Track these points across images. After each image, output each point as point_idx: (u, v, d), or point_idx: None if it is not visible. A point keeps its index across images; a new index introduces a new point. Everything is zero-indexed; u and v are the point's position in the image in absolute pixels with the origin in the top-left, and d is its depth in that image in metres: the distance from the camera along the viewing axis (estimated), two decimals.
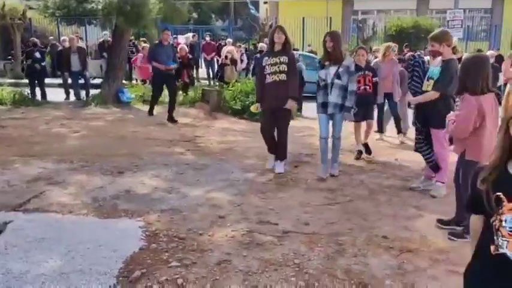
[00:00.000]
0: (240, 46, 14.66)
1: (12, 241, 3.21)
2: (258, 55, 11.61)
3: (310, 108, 9.01)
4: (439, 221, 3.83)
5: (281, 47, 5.25)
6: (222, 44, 15.36)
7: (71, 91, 11.42)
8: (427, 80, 4.54)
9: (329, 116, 5.17)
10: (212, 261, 3.09)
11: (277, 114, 5.36)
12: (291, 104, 5.33)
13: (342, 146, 5.49)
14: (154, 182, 4.94)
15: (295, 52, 6.62)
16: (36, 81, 11.10)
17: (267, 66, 5.29)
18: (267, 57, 5.36)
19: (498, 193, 1.51)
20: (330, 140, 5.30)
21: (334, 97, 5.06)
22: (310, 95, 10.07)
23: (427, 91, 4.48)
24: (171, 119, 8.55)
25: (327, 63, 5.10)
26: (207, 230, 3.64)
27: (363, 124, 6.34)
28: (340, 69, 5.03)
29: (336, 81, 5.03)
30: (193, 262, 3.05)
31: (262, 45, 11.94)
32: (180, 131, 8.07)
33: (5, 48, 18.23)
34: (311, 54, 14.96)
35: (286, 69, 5.21)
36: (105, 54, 14.63)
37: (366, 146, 6.25)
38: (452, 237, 3.54)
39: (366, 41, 17.37)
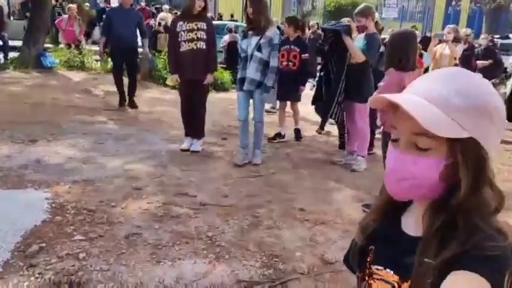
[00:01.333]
0: (176, 13, 14.10)
1: None
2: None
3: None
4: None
5: (198, 11, 4.71)
6: (158, 9, 14.75)
7: None
8: None
9: (248, 94, 4.52)
10: (121, 234, 2.94)
11: (193, 87, 4.84)
12: (210, 79, 4.91)
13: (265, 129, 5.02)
14: (69, 152, 4.65)
15: (231, 23, 6.11)
16: None
17: (182, 33, 4.74)
18: (181, 22, 4.77)
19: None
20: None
21: (252, 72, 4.38)
22: None
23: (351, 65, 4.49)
24: (132, 104, 7.05)
25: (250, 32, 4.42)
26: (120, 202, 3.48)
27: (288, 104, 5.80)
28: (262, 41, 4.33)
29: (256, 53, 4.35)
30: (100, 235, 2.89)
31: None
32: (105, 99, 7.68)
33: None
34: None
35: (205, 37, 4.73)
36: (28, 14, 13.56)
37: (296, 131, 5.78)
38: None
39: (305, 16, 17.38)
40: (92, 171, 4.12)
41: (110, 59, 8.04)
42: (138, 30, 6.98)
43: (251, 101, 4.62)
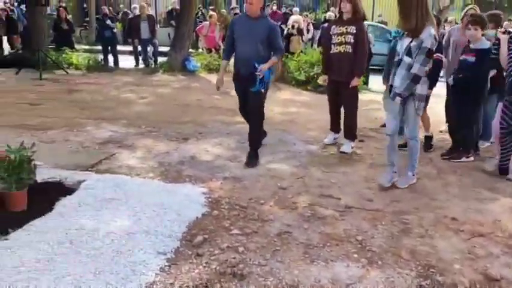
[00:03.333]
0: (307, 16, 14.30)
1: (84, 200, 3.37)
2: (325, 25, 11.31)
3: (376, 81, 8.69)
4: None
5: (350, 16, 4.90)
6: (289, 13, 15.05)
7: (140, 58, 11.78)
8: None
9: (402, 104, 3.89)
10: (273, 231, 3.08)
11: (342, 90, 5.07)
12: (354, 83, 4.99)
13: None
14: (217, 150, 4.99)
15: (364, 22, 6.01)
16: (108, 48, 11.56)
17: (333, 36, 5.00)
18: (334, 26, 5.04)
19: None
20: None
21: (398, 79, 3.83)
22: (377, 67, 9.74)
23: None
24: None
25: (405, 33, 3.88)
26: (268, 200, 3.64)
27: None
28: (413, 43, 3.73)
29: (405, 58, 3.77)
30: (254, 231, 3.07)
31: (330, 15, 11.58)
32: None
33: (81, 16, 19.03)
34: (381, 25, 14.30)
35: (352, 41, 4.87)
36: (173, 22, 14.86)
37: (427, 139, 5.23)
38: None
39: (442, 11, 16.28)
40: (239, 169, 4.38)
41: None
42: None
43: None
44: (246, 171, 4.35)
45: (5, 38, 13.19)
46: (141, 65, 11.68)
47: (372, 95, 8.84)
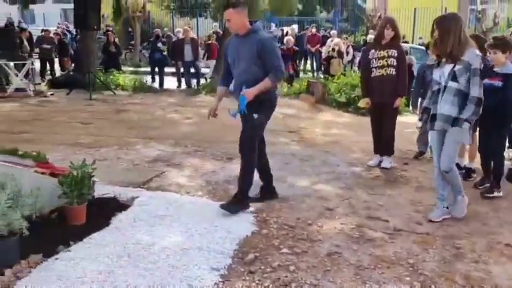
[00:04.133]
0: (346, 38, 14.39)
1: (139, 215, 3.51)
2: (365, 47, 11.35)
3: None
4: None
5: (389, 40, 5.06)
6: (327, 35, 15.19)
7: (183, 80, 12.14)
8: None
9: (442, 134, 3.68)
10: (322, 252, 3.11)
11: (384, 111, 5.21)
12: (398, 103, 5.17)
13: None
14: None
15: (405, 45, 6.10)
16: (156, 70, 12.01)
17: (373, 60, 5.13)
18: (373, 50, 5.16)
19: None
20: None
21: (446, 106, 3.59)
22: None
23: None
24: None
25: (443, 60, 3.68)
26: (315, 220, 3.67)
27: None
28: (457, 67, 3.53)
29: (451, 84, 3.57)
30: (303, 251, 3.10)
31: (371, 38, 11.61)
32: (285, 121, 8.18)
33: (126, 39, 19.83)
34: (422, 48, 14.19)
35: (395, 64, 5.03)
36: (216, 43, 15.28)
37: (466, 169, 4.98)
38: None
39: (486, 34, 16.01)
40: (285, 189, 4.43)
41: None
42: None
43: None
44: (292, 191, 4.40)
45: (56, 60, 13.94)
46: (183, 86, 12.03)
47: (415, 118, 8.73)
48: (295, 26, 17.57)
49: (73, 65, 13.90)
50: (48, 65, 13.22)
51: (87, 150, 5.50)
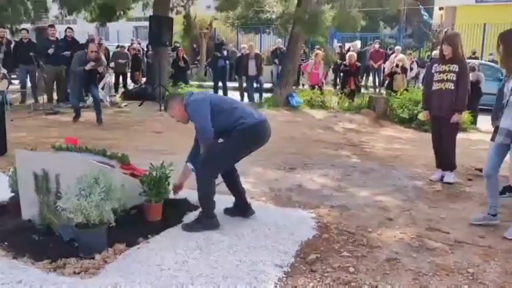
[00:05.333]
0: (410, 54, 14.23)
1: None
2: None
3: (485, 121, 8.39)
4: None
5: (451, 55, 5.11)
6: (389, 52, 15.10)
7: (245, 94, 12.55)
8: None
9: (503, 148, 3.76)
10: (381, 257, 3.22)
11: (442, 124, 5.24)
12: (455, 119, 5.14)
13: None
14: (322, 180, 5.25)
15: (474, 61, 6.01)
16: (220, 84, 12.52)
17: (435, 74, 5.24)
18: (436, 64, 5.29)
19: None
20: None
21: (508, 121, 3.68)
22: (486, 107, 9.38)
23: None
24: None
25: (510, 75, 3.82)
26: (375, 228, 3.79)
27: None
28: None
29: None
30: (363, 255, 3.24)
31: (436, 53, 11.46)
32: (346, 135, 8.30)
33: (192, 55, 20.75)
34: (492, 64, 13.75)
35: (454, 79, 5.08)
36: (276, 60, 15.66)
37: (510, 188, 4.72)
38: None
39: None
40: (345, 199, 4.57)
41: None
42: None
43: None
44: (353, 200, 4.53)
45: (128, 74, 14.90)
46: (245, 100, 12.43)
47: (481, 135, 8.53)
48: (358, 42, 17.58)
49: (144, 78, 14.80)
50: (121, 78, 14.17)
51: (160, 156, 5.89)
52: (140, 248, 3.20)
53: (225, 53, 12.56)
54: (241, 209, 3.89)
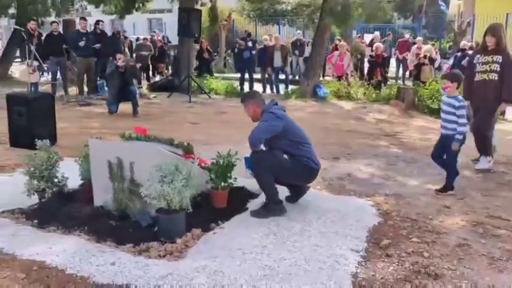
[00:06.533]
0: (433, 45, 14.17)
1: None
2: (459, 54, 11.17)
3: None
4: None
5: (494, 46, 5.17)
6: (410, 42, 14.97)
7: (267, 86, 12.57)
8: None
9: None
10: (451, 243, 3.30)
11: (481, 112, 5.31)
12: (503, 107, 5.24)
13: None
14: (369, 170, 5.32)
15: None
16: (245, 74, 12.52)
17: (477, 65, 5.27)
18: (479, 55, 5.32)
19: None
20: None
21: None
22: None
23: None
24: None
25: None
26: (435, 216, 3.86)
27: None
28: None
29: None
30: (432, 241, 3.31)
31: (465, 43, 11.44)
32: (379, 126, 8.34)
33: (212, 46, 20.78)
34: None
35: (498, 69, 5.13)
36: (296, 52, 15.64)
37: None
38: None
39: None
40: (397, 187, 4.65)
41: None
42: None
43: None
44: (405, 189, 4.60)
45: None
46: (267, 92, 12.45)
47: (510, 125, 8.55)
48: (377, 33, 17.51)
49: (166, 70, 14.90)
50: (143, 70, 14.27)
51: (204, 147, 6.02)
52: (216, 234, 3.31)
53: (250, 44, 12.57)
54: (297, 191, 3.98)
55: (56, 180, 3.63)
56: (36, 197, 3.71)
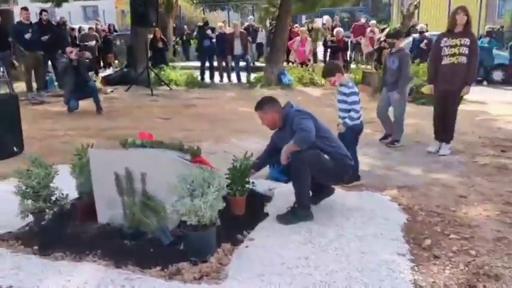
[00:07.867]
0: (384, 29, 14.35)
1: (287, 205, 3.61)
2: (417, 36, 11.37)
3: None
4: None
5: (462, 29, 5.13)
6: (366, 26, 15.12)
7: (225, 74, 12.16)
8: None
9: None
10: (488, 236, 3.21)
11: (448, 97, 5.28)
12: (466, 91, 5.23)
13: None
14: (367, 160, 5.18)
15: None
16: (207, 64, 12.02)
17: (445, 48, 5.20)
18: (446, 38, 5.24)
19: None
20: None
21: None
22: None
23: None
24: None
25: None
26: (456, 207, 3.78)
27: None
28: None
29: None
30: (470, 236, 3.20)
31: (422, 27, 11.67)
32: None
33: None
34: None
35: (466, 52, 5.10)
36: (249, 38, 15.29)
37: None
38: None
39: None
40: (404, 178, 4.55)
41: None
42: None
43: None
44: (412, 179, 4.51)
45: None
46: (225, 81, 12.02)
47: (474, 106, 8.78)
48: (326, 17, 17.55)
49: (116, 61, 14.05)
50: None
51: (188, 144, 5.61)
52: (249, 247, 3.00)
53: (209, 32, 12.06)
54: (323, 192, 3.69)
55: (53, 198, 3.13)
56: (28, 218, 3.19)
